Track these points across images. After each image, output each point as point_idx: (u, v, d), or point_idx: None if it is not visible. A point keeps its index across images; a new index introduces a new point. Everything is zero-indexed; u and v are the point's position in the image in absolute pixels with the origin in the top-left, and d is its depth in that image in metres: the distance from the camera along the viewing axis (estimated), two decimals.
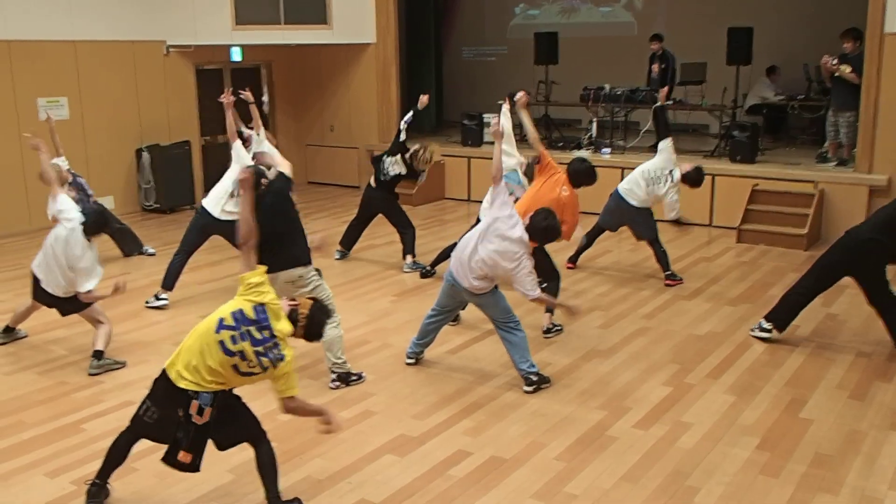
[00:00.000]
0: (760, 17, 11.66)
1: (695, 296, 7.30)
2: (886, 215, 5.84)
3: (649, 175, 7.44)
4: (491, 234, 5.18)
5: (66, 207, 5.63)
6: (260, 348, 3.65)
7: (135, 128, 11.07)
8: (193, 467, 3.74)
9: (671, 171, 7.41)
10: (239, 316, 3.65)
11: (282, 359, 3.69)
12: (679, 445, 4.58)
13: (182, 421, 3.66)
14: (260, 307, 3.68)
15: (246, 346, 3.64)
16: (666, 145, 7.48)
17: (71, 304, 5.75)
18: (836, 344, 6.13)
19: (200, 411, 3.63)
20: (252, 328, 3.64)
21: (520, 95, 6.88)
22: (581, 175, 6.28)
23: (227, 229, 7.16)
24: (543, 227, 5.12)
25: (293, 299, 3.85)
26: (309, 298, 3.88)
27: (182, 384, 3.63)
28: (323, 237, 5.37)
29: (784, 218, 9.14)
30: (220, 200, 6.95)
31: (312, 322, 3.73)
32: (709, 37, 11.79)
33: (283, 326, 3.69)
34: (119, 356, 5.82)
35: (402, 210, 8.28)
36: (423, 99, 8.25)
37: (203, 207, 7.05)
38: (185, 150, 11.31)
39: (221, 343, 3.63)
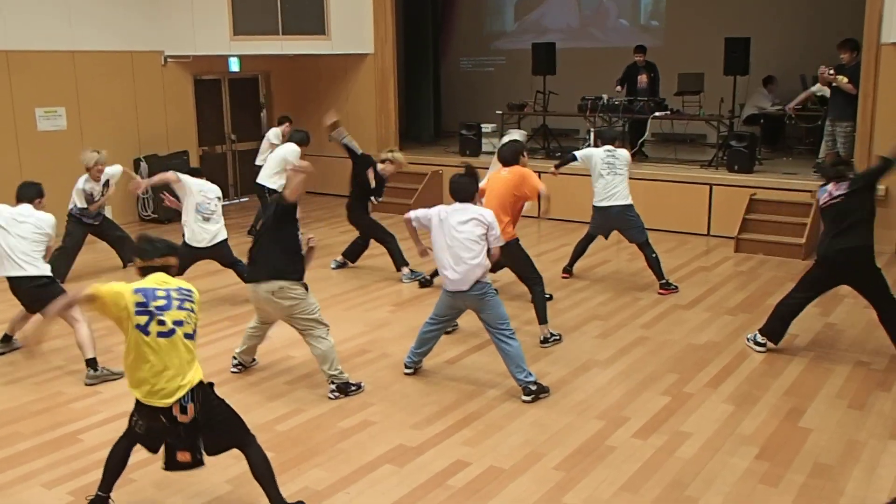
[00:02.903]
0: (758, 28, 11.71)
1: (693, 305, 7.29)
2: (859, 220, 5.72)
3: (603, 168, 7.54)
4: (446, 229, 5.30)
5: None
6: (186, 305, 3.69)
7: (133, 138, 11.09)
8: (196, 463, 3.77)
9: (603, 156, 7.60)
10: (140, 308, 3.61)
11: (192, 291, 3.77)
12: (678, 455, 4.57)
13: (168, 427, 3.67)
14: (137, 289, 3.65)
15: (174, 313, 3.63)
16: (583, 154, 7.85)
17: (48, 297, 5.76)
18: (834, 353, 6.13)
19: (183, 410, 3.64)
20: (156, 301, 3.63)
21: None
22: (503, 155, 6.62)
23: (219, 252, 7.19)
24: (462, 182, 5.39)
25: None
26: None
27: (158, 403, 3.64)
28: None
29: (782, 227, 9.15)
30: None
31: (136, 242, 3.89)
32: (706, 47, 11.82)
33: (167, 281, 3.74)
34: (116, 366, 5.79)
35: (377, 224, 8.30)
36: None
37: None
38: (182, 160, 11.30)
39: (160, 334, 3.60)
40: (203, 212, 7.03)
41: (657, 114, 11.08)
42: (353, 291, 7.83)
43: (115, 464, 3.90)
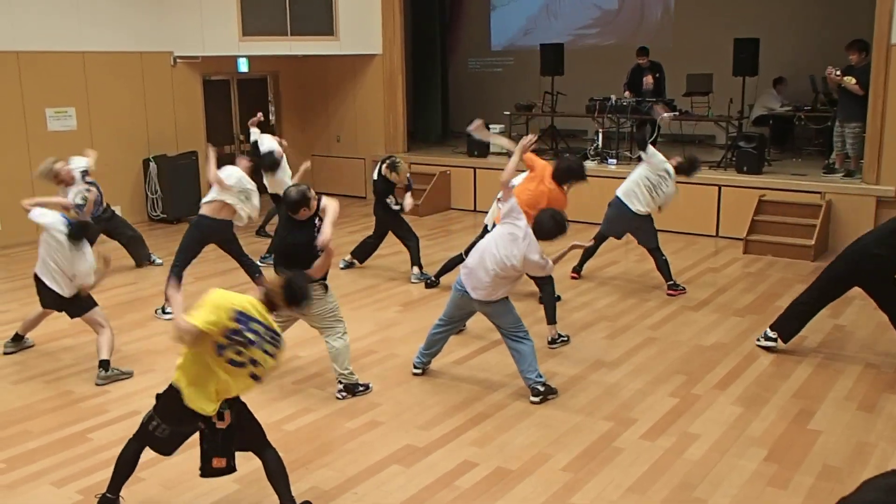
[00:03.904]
0: (767, 28, 11.68)
1: (701, 306, 7.28)
2: (890, 229, 5.78)
3: (648, 182, 7.45)
4: (504, 241, 5.21)
5: (52, 221, 5.65)
6: (267, 346, 3.65)
7: (142, 138, 11.13)
8: (230, 469, 3.79)
9: (666, 170, 7.44)
10: (230, 334, 3.59)
11: (280, 338, 3.74)
12: (686, 457, 4.56)
13: (207, 433, 3.70)
14: (239, 313, 3.59)
15: (255, 351, 3.62)
16: (652, 151, 7.52)
17: (77, 306, 5.78)
18: (844, 355, 6.10)
19: (221, 416, 3.67)
20: (248, 333, 3.60)
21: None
22: (563, 172, 6.36)
23: (226, 237, 7.16)
24: (549, 224, 5.22)
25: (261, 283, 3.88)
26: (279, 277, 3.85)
27: (207, 412, 3.65)
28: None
29: (791, 229, 9.12)
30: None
31: (290, 288, 3.72)
32: (715, 48, 11.80)
33: (267, 315, 3.70)
34: (125, 365, 5.83)
35: (405, 221, 8.26)
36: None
37: (202, 215, 7.09)
38: (191, 160, 11.35)
39: (231, 361, 3.61)
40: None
41: (663, 115, 11.04)
42: (361, 291, 7.84)
43: (125, 466, 3.91)
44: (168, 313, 7.04)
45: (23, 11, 9.74)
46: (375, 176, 8.11)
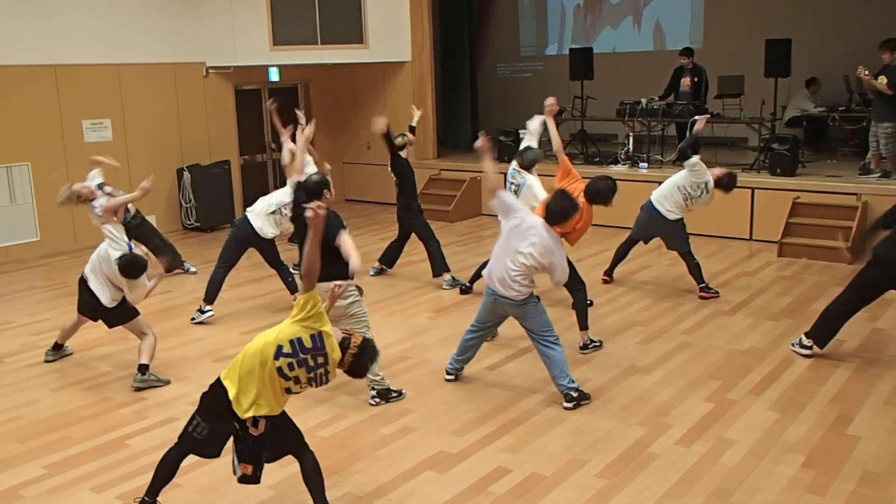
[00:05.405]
0: (799, 29, 11.54)
1: (736, 310, 7.20)
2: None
3: (685, 191, 7.40)
4: (516, 237, 5.23)
5: (120, 236, 5.73)
6: (312, 374, 3.74)
7: (176, 148, 11.29)
8: (255, 479, 3.82)
9: (706, 183, 7.38)
10: (297, 345, 3.70)
11: (327, 381, 3.80)
12: (722, 463, 4.52)
13: (240, 434, 3.74)
14: (318, 335, 3.73)
15: (301, 372, 3.72)
16: (696, 160, 7.42)
17: (116, 316, 5.87)
18: (882, 359, 6.00)
19: (255, 423, 3.71)
20: (308, 356, 3.71)
21: (549, 102, 7.07)
22: (596, 193, 5.92)
23: (263, 245, 7.26)
24: (557, 209, 5.21)
25: (347, 331, 3.92)
26: (360, 335, 3.90)
27: (240, 411, 3.69)
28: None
29: (826, 231, 8.98)
30: (261, 217, 7.11)
31: (361, 356, 3.78)
32: (746, 49, 11.69)
33: (335, 354, 3.76)
34: (162, 372, 5.91)
35: (427, 224, 8.27)
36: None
37: (245, 218, 7.19)
38: (224, 169, 11.50)
39: (279, 369, 3.69)
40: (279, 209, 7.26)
41: (697, 117, 10.95)
42: (392, 298, 7.88)
43: (165, 472, 3.97)
44: (207, 311, 7.14)
45: (60, 26, 9.94)
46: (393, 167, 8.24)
